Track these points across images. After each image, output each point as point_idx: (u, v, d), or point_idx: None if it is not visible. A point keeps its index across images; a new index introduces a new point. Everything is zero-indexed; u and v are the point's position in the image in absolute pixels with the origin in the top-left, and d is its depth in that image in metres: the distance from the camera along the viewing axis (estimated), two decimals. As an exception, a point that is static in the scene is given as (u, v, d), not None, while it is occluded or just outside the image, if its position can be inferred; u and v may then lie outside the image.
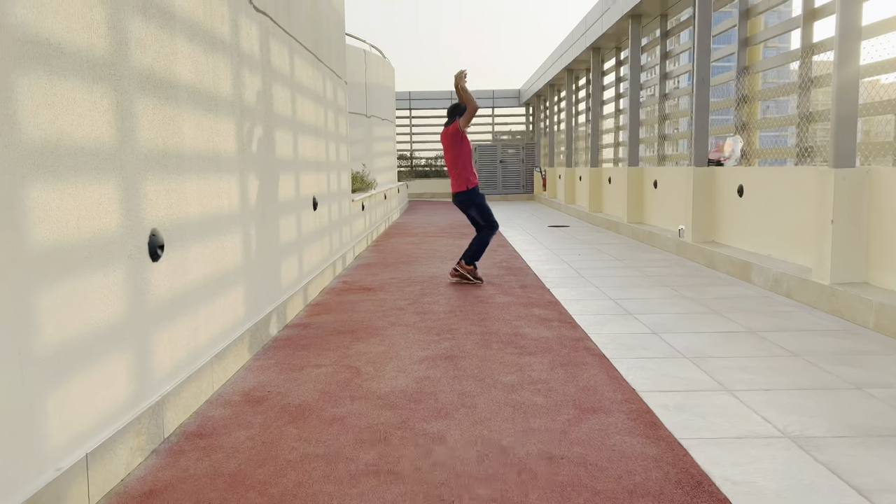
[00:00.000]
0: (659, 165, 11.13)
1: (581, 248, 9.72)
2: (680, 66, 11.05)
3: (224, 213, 3.88)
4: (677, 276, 7.15)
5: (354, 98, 13.55)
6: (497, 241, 10.74)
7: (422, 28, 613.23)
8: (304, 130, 6.05)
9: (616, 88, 13.83)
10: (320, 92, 6.88)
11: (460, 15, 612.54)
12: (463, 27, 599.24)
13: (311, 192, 6.31)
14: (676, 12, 10.85)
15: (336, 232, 7.64)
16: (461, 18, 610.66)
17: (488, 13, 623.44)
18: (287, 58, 5.45)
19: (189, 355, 3.33)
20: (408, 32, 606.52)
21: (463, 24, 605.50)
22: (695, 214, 8.28)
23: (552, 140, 20.97)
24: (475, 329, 4.92)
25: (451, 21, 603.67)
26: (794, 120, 6.96)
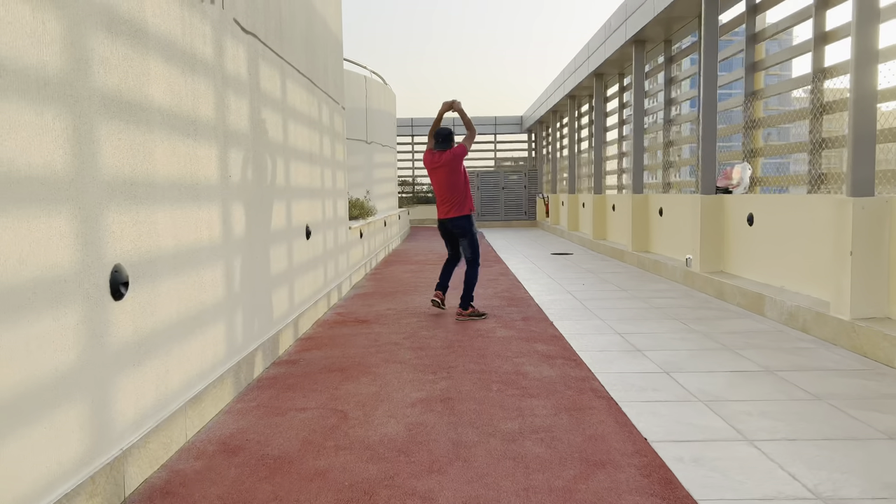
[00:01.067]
0: (664, 193, 10.89)
1: (585, 277, 9.43)
2: (682, 93, 10.87)
3: (203, 244, 3.62)
4: (686, 308, 6.85)
5: (355, 124, 13.39)
6: (499, 269, 10.46)
7: (424, 54, 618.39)
8: (297, 157, 5.82)
9: (619, 114, 13.67)
10: (315, 117, 6.67)
11: (463, 42, 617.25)
12: (465, 54, 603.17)
13: (304, 220, 6.06)
14: (680, 38, 10.69)
15: (331, 261, 7.38)
16: (463, 45, 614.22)
17: (491, 40, 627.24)
18: (278, 81, 5.23)
19: (158, 401, 3.05)
20: (410, 59, 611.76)
21: (465, 51, 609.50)
22: (703, 243, 8.00)
23: (555, 166, 20.81)
24: (474, 367, 4.62)
25: (454, 48, 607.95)
26: (805, 146, 6.72)
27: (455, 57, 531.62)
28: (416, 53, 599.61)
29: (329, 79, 7.45)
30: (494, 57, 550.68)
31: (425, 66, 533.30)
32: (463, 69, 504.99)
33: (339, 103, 8.15)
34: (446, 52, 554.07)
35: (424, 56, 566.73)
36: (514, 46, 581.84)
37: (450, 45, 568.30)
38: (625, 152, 13.50)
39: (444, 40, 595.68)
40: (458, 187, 6.63)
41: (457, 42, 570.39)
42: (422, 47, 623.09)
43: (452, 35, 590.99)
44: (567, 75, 16.61)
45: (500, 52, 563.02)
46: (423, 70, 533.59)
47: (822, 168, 6.50)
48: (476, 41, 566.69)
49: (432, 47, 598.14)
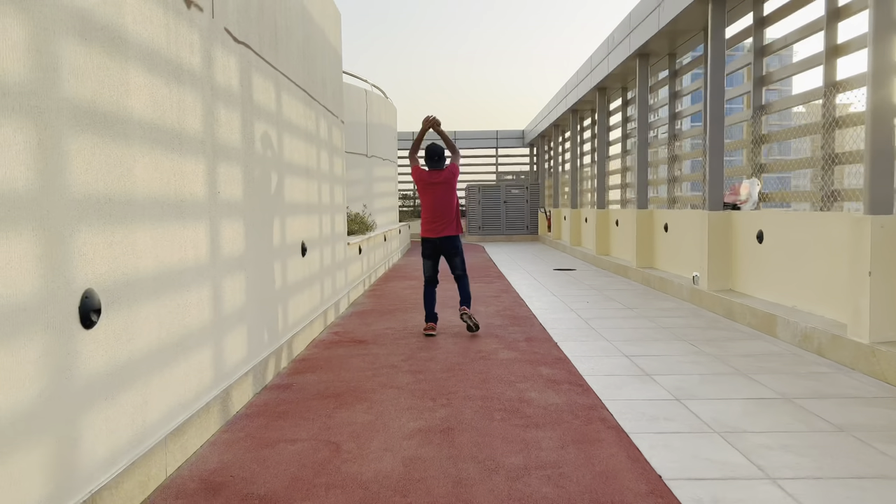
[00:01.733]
0: (669, 208, 10.69)
1: (589, 294, 9.21)
2: (684, 108, 10.69)
3: (189, 265, 3.41)
4: (694, 328, 6.62)
5: (355, 138, 13.23)
6: (501, 285, 10.24)
7: (425, 69, 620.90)
8: (293, 171, 5.62)
9: (622, 128, 13.50)
10: (313, 131, 6.48)
11: (464, 56, 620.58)
12: (467, 68, 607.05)
13: (300, 237, 5.86)
14: (684, 52, 10.53)
15: (328, 278, 7.16)
16: (465, 59, 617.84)
17: (492, 54, 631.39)
18: (273, 94, 5.05)
19: (134, 436, 2.82)
20: (411, 73, 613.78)
21: (467, 65, 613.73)
22: (710, 261, 7.79)
23: (557, 181, 20.64)
24: (475, 392, 4.39)
25: (455, 61, 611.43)
26: (815, 162, 6.52)
27: (457, 71, 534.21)
28: (419, 67, 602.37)
29: (328, 92, 7.28)
30: (496, 71, 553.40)
31: (427, 80, 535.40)
32: (465, 83, 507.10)
33: (339, 117, 7.98)
34: (448, 66, 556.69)
35: (426, 70, 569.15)
36: (516, 61, 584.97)
37: (452, 59, 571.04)
38: (628, 167, 13.32)
39: (447, 54, 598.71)
40: (453, 206, 6.68)
41: (459, 56, 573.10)
42: (424, 61, 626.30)
43: (454, 49, 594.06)
44: (569, 89, 16.47)
45: (503, 66, 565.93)
46: (425, 84, 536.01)
47: (833, 184, 6.30)
48: (478, 55, 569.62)
49: (434, 61, 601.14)
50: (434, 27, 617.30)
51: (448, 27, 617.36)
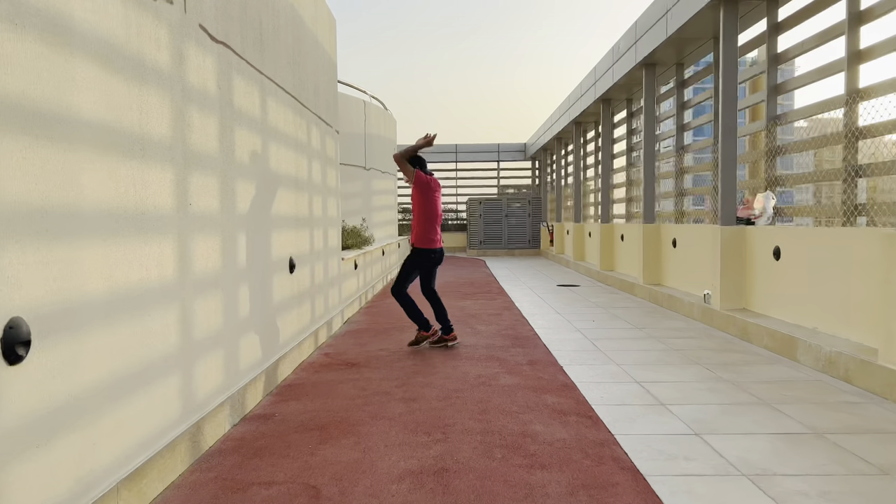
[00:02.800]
0: (676, 223, 10.32)
1: (594, 312, 8.81)
2: (693, 118, 10.34)
3: (151, 286, 3.04)
4: (708, 350, 6.22)
5: (353, 149, 12.90)
6: (502, 302, 9.84)
7: (426, 81, 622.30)
8: (280, 182, 5.26)
9: (627, 141, 13.16)
10: (303, 140, 6.13)
11: (465, 69, 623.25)
12: (468, 81, 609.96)
13: (287, 252, 5.48)
14: (693, 61, 10.20)
15: (320, 296, 6.78)
16: (466, 72, 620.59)
17: (493, 67, 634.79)
18: (257, 99, 4.69)
19: (78, 485, 2.43)
20: (411, 85, 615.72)
21: (468, 78, 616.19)
22: (723, 278, 7.40)
23: (559, 194, 20.29)
24: (474, 425, 4.00)
25: (456, 74, 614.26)
26: (836, 174, 6.16)
27: (458, 83, 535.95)
28: (420, 80, 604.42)
29: (320, 100, 6.94)
30: (498, 84, 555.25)
31: (428, 93, 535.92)
32: (466, 95, 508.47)
33: (333, 126, 7.63)
34: (450, 79, 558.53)
35: (427, 82, 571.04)
36: (517, 74, 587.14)
37: (453, 70, 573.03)
38: (633, 180, 12.96)
39: (448, 66, 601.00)
40: None
41: (460, 68, 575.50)
42: (425, 74, 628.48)
43: (456, 60, 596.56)
44: (572, 101, 16.16)
45: (504, 79, 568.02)
46: (425, 96, 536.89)
47: (857, 199, 5.93)
48: (480, 67, 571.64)
49: (435, 73, 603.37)
50: (434, 39, 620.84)
51: (448, 39, 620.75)
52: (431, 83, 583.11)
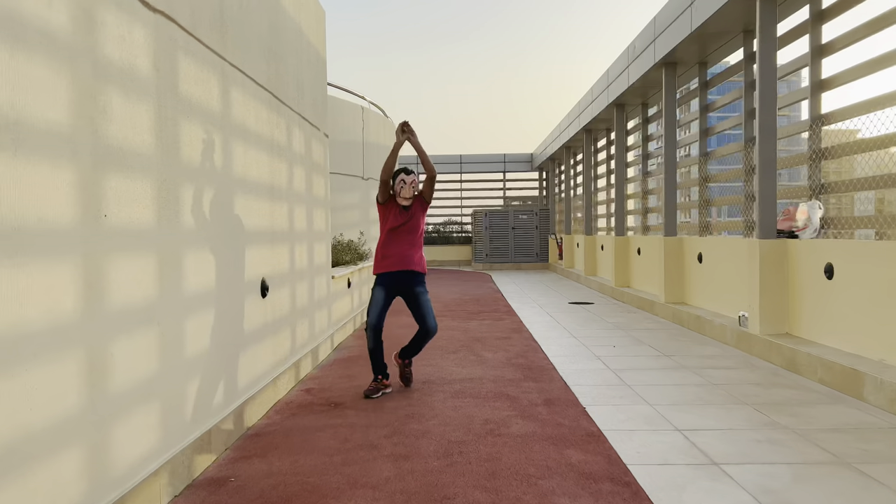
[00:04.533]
0: (700, 235, 9.44)
1: (613, 335, 7.93)
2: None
3: (34, 327, 2.19)
4: (753, 384, 5.34)
5: (350, 158, 12.09)
6: (511, 323, 8.96)
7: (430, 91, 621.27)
8: (249, 190, 4.43)
9: (643, 148, 12.30)
10: (282, 142, 5.30)
11: (470, 77, 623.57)
12: (473, 90, 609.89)
13: (259, 273, 4.64)
14: (717, 59, 9.37)
15: (303, 321, 5.93)
16: (471, 81, 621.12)
17: (500, 76, 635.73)
18: (216, 88, 3.87)
19: None
20: (415, 95, 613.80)
21: (473, 88, 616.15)
22: (763, 299, 6.51)
23: (568, 205, 19.43)
24: (481, 497, 3.12)
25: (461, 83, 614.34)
26: None
27: (463, 92, 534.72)
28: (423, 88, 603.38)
29: (305, 98, 6.12)
30: (504, 93, 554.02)
31: (432, 102, 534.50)
32: (472, 105, 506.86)
33: (321, 129, 6.81)
34: (454, 87, 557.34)
35: (431, 92, 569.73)
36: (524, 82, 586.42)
37: (458, 79, 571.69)
38: (650, 189, 12.10)
39: (453, 74, 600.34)
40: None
41: (465, 76, 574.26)
42: (428, 82, 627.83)
43: (461, 69, 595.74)
44: (583, 107, 15.34)
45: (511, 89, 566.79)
46: (430, 106, 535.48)
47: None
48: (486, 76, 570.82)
49: (440, 82, 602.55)
50: (439, 48, 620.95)
51: (454, 47, 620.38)
52: (434, 91, 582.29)
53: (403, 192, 5.28)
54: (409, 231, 5.31)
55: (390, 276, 5.26)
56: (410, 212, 5.34)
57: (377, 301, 5.20)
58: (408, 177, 5.30)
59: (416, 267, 5.32)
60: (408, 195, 5.29)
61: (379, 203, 5.34)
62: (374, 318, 5.15)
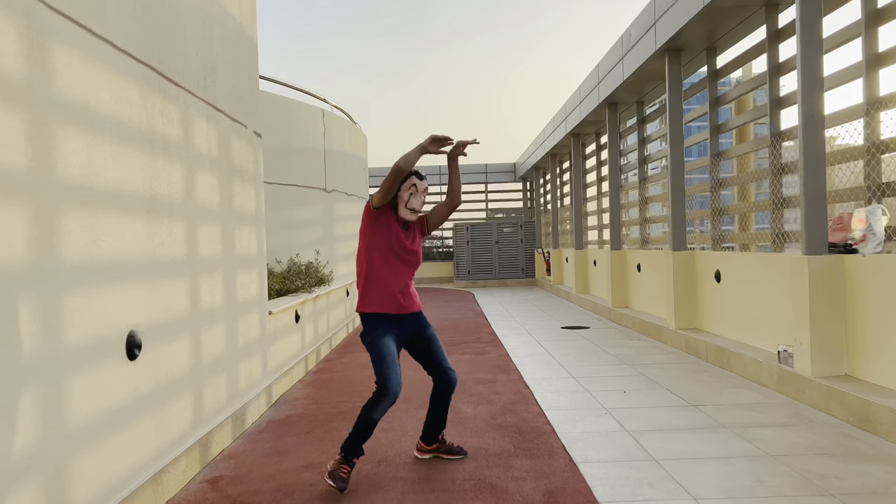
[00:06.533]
0: (714, 249, 8.07)
1: (621, 373, 6.50)
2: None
3: None
4: (824, 455, 3.92)
5: (309, 168, 10.63)
6: (496, 358, 7.50)
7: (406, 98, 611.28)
8: (97, 202, 2.96)
9: (640, 151, 10.95)
10: (174, 137, 3.84)
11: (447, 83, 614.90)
12: (451, 96, 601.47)
13: (122, 323, 3.15)
14: (731, 42, 8.03)
15: (215, 379, 4.43)
16: (448, 87, 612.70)
17: (478, 80, 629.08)
18: (14, 40, 2.40)
19: None
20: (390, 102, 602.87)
21: (451, 93, 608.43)
22: (815, 331, 5.12)
23: (555, 217, 18.07)
24: None
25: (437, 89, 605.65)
26: None
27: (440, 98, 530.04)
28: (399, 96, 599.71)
29: (218, 84, 4.67)
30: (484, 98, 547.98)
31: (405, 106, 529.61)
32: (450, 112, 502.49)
33: (247, 126, 5.35)
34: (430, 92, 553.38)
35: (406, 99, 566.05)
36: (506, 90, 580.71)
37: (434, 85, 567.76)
38: (650, 197, 10.75)
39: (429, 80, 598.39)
40: None
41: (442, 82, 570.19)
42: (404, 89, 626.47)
43: (437, 74, 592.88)
44: (570, 109, 14.01)
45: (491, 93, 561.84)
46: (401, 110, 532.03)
47: None
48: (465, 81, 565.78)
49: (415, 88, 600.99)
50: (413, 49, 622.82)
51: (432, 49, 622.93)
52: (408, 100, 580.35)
53: (412, 203, 3.81)
54: (412, 257, 3.89)
55: (394, 319, 3.83)
56: (412, 233, 3.93)
57: (390, 355, 3.69)
58: (420, 183, 3.84)
59: (417, 306, 3.96)
60: (416, 207, 3.84)
61: (371, 209, 3.79)
62: (397, 381, 3.63)
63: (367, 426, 3.65)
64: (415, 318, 3.91)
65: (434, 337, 3.96)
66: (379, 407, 3.62)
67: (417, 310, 3.91)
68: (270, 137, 8.78)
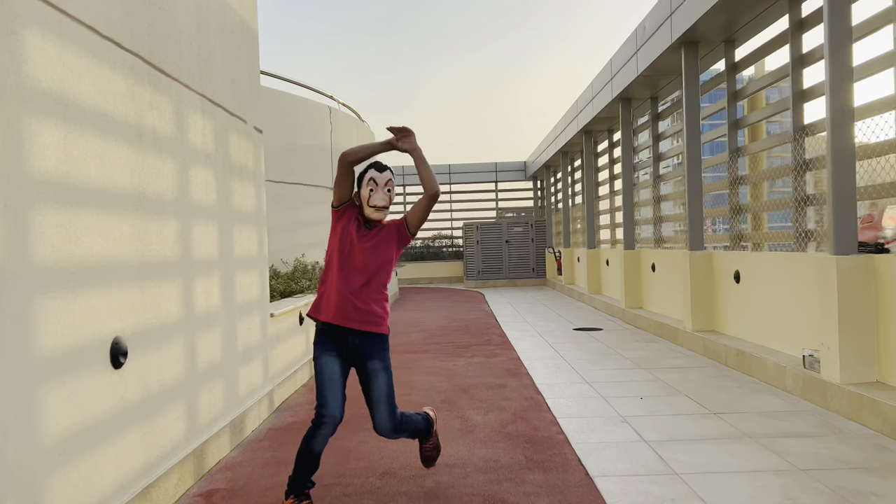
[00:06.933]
0: (732, 249, 7.79)
1: (637, 378, 6.25)
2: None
3: None
4: (858, 470, 3.66)
5: (316, 166, 10.44)
6: (506, 361, 7.26)
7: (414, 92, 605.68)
8: (78, 199, 2.75)
9: (653, 149, 10.66)
10: (165, 131, 3.63)
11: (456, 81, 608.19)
12: (459, 94, 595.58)
13: (106, 330, 2.95)
14: (751, 34, 7.74)
15: (212, 386, 4.22)
16: (456, 85, 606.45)
17: (488, 79, 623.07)
18: (-27, 19, 2.20)
19: None
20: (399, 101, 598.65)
21: (458, 91, 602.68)
22: (843, 335, 4.85)
23: (567, 216, 17.80)
24: None
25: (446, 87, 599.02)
26: None
27: (448, 97, 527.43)
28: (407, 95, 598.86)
29: (215, 76, 4.46)
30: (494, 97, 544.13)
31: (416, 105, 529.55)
32: (458, 110, 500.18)
33: (247, 121, 5.14)
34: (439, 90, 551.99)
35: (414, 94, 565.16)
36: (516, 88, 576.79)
37: (443, 83, 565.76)
38: (663, 196, 10.47)
39: (438, 78, 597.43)
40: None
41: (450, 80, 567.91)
42: (412, 88, 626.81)
43: (446, 73, 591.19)
44: (581, 106, 13.74)
45: (501, 92, 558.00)
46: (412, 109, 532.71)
47: None
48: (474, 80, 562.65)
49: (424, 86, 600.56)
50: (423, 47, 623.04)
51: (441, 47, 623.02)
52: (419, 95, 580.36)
53: (374, 200, 3.34)
54: (364, 263, 3.30)
55: (332, 330, 3.34)
56: (376, 235, 3.38)
57: (328, 372, 3.23)
58: (380, 174, 3.37)
59: (369, 325, 3.32)
60: (380, 203, 3.35)
61: (333, 208, 3.42)
62: (335, 403, 3.18)
63: (308, 458, 3.21)
64: (360, 339, 3.32)
65: (375, 373, 3.33)
66: (318, 434, 3.18)
67: (365, 329, 3.29)
68: (276, 135, 8.58)
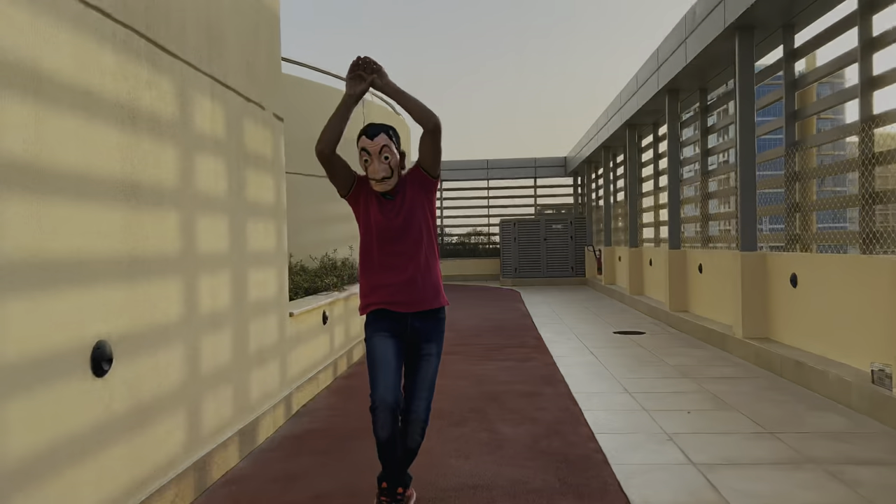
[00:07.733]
0: (788, 250, 7.22)
1: (682, 389, 5.76)
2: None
3: None
4: (948, 509, 3.15)
5: (347, 159, 10.12)
6: (541, 367, 6.83)
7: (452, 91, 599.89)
8: (55, 187, 2.44)
9: (702, 143, 10.07)
10: (165, 114, 3.32)
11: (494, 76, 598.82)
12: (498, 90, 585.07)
13: (85, 334, 2.64)
14: (812, 17, 7.14)
15: (220, 391, 3.91)
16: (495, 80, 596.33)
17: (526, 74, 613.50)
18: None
19: None
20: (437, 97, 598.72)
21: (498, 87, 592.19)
22: (922, 349, 4.31)
23: (608, 213, 17.21)
24: None
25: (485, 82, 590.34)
26: None
27: (487, 92, 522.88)
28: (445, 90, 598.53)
29: (226, 56, 4.14)
30: (534, 92, 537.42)
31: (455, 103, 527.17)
32: (497, 105, 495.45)
33: (266, 107, 4.83)
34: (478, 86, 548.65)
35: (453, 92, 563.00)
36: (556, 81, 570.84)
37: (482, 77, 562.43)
38: (711, 193, 9.88)
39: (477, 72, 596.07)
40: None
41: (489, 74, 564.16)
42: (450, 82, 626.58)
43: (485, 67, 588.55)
44: (625, 98, 13.17)
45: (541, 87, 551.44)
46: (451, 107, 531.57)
47: None
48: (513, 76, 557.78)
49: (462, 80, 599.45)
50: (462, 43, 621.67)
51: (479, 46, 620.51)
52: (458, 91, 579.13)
53: (371, 171, 3.03)
54: (400, 234, 3.06)
55: (386, 314, 3.10)
56: (398, 200, 3.09)
57: (383, 359, 3.03)
58: (372, 141, 3.02)
59: (430, 303, 3.10)
60: (379, 175, 3.02)
61: (344, 198, 3.19)
62: (385, 388, 2.97)
63: (380, 450, 3.00)
64: (420, 322, 3.11)
65: (428, 358, 3.14)
66: (376, 422, 2.96)
67: (426, 308, 3.09)
68: (303, 126, 8.29)
